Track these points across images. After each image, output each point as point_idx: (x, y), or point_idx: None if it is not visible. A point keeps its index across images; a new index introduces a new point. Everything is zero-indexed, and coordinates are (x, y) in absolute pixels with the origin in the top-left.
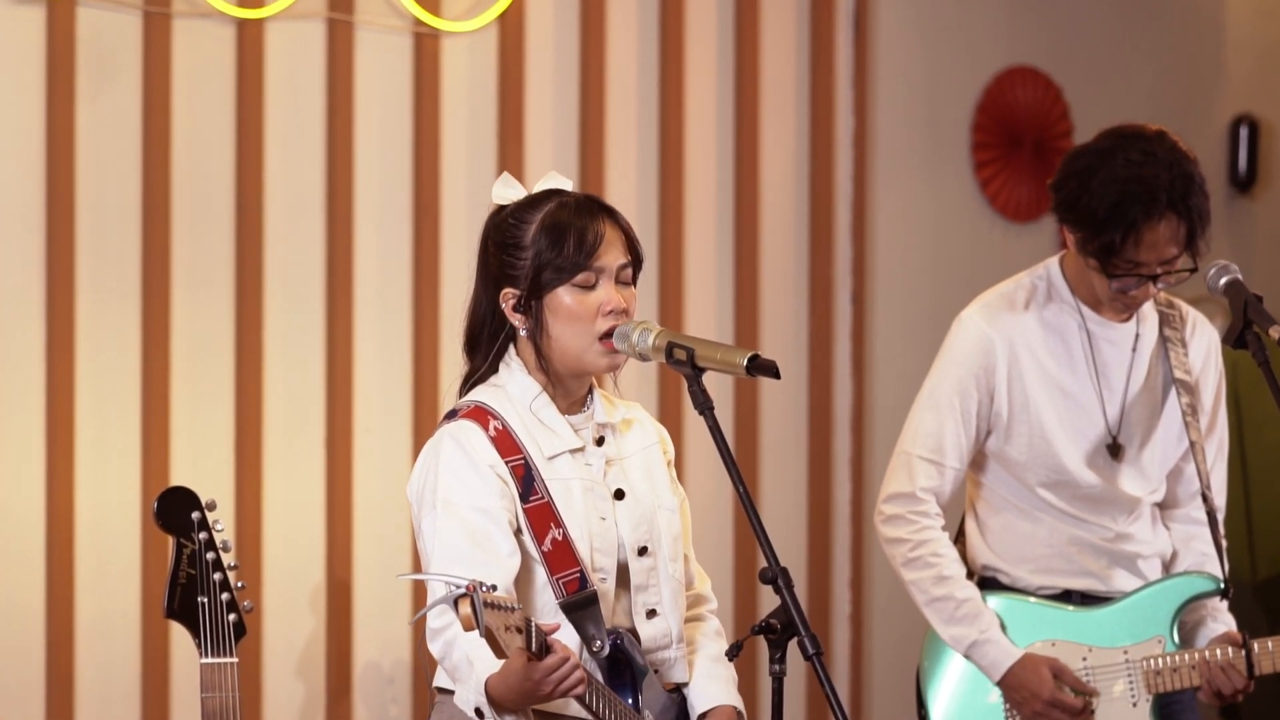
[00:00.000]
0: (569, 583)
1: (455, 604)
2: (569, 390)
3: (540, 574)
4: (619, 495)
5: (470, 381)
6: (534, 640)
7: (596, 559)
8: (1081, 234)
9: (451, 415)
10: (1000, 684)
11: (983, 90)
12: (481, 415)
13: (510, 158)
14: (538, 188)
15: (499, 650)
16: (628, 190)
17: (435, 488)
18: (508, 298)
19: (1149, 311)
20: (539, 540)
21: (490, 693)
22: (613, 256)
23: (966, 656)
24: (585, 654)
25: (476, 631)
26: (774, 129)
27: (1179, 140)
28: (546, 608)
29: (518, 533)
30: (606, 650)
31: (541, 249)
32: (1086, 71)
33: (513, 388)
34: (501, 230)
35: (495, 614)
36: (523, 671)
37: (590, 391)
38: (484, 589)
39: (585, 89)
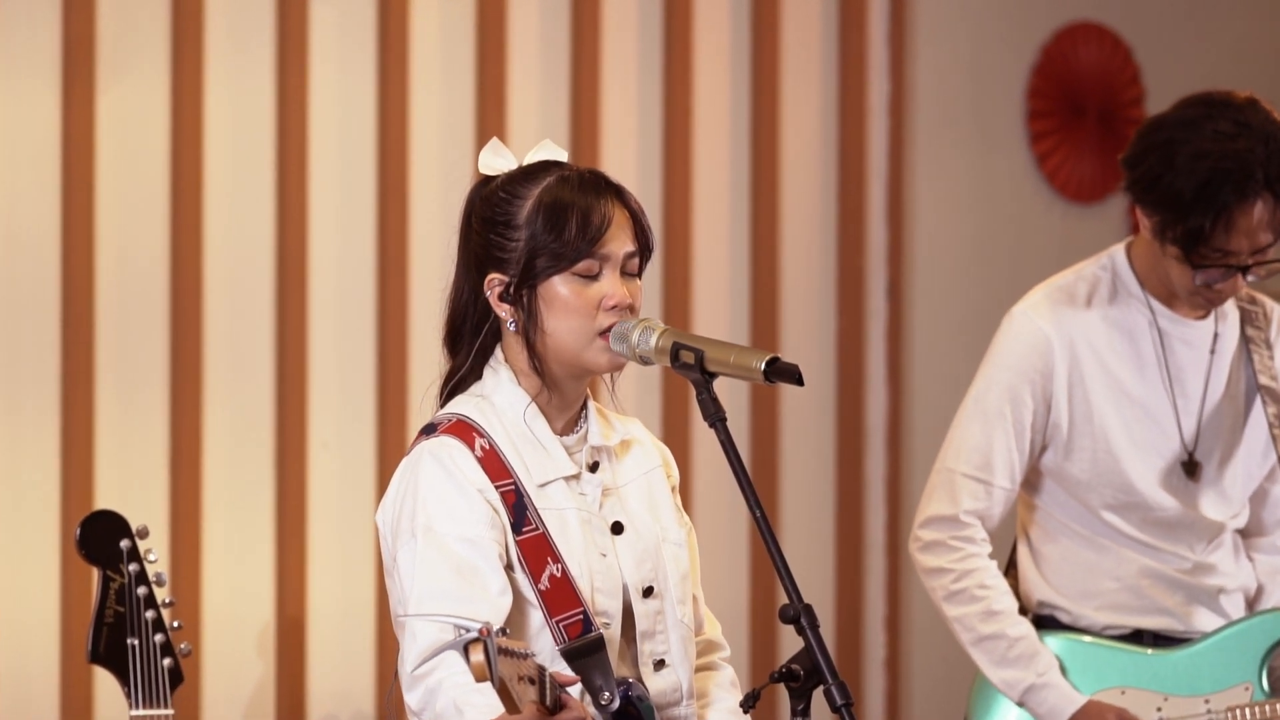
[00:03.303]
0: (571, 626)
1: (465, 650)
2: (565, 396)
3: (535, 616)
4: (617, 529)
5: (452, 382)
6: (548, 693)
7: (599, 601)
8: (1162, 217)
9: (430, 430)
10: None
11: (1040, 50)
12: (465, 431)
13: (490, 130)
14: (528, 159)
15: (511, 705)
16: (627, 166)
17: (414, 514)
18: (493, 284)
19: (1229, 308)
20: (534, 578)
21: None
22: (619, 243)
23: (1020, 704)
24: (592, 707)
25: (489, 682)
26: (797, 95)
27: (1273, 110)
28: (544, 654)
29: (508, 568)
30: (616, 703)
31: (537, 230)
32: (1160, 28)
33: (499, 399)
34: (490, 205)
35: (508, 662)
36: None
37: (584, 406)
38: (496, 633)
39: (577, 49)
